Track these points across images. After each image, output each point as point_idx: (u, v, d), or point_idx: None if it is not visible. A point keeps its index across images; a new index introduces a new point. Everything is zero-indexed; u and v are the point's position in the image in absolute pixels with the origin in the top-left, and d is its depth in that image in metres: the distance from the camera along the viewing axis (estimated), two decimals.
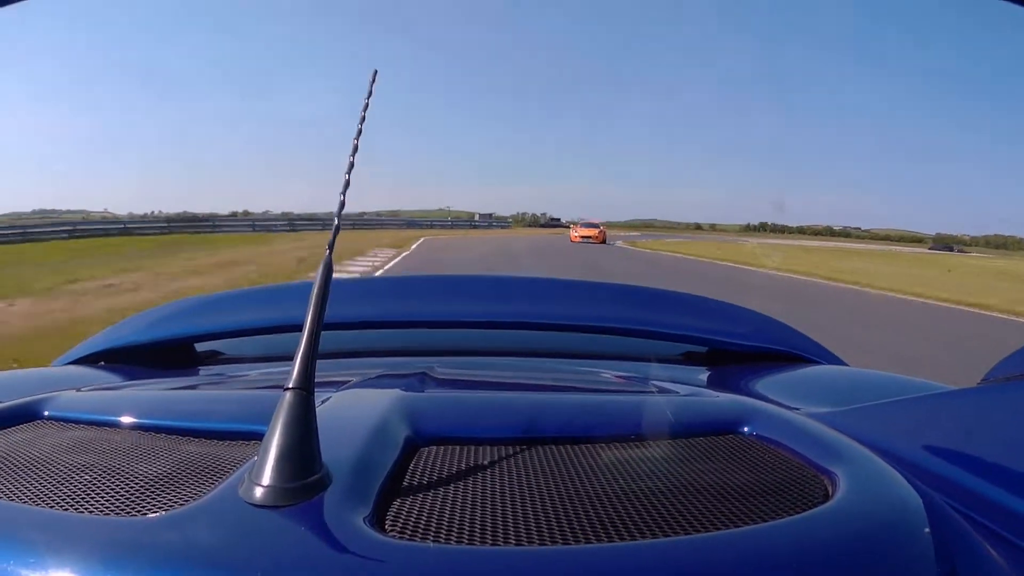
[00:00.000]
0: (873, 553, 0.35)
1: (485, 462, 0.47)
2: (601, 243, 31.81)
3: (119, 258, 16.63)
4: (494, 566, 0.34)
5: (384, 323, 1.10)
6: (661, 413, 0.57)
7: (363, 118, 0.53)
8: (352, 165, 0.51)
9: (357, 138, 0.52)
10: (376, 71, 0.56)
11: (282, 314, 1.05)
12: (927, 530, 0.38)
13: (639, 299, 1.26)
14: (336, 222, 0.49)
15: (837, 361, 1.11)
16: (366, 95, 0.55)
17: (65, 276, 11.87)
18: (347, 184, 0.50)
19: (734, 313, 1.20)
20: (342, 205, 0.49)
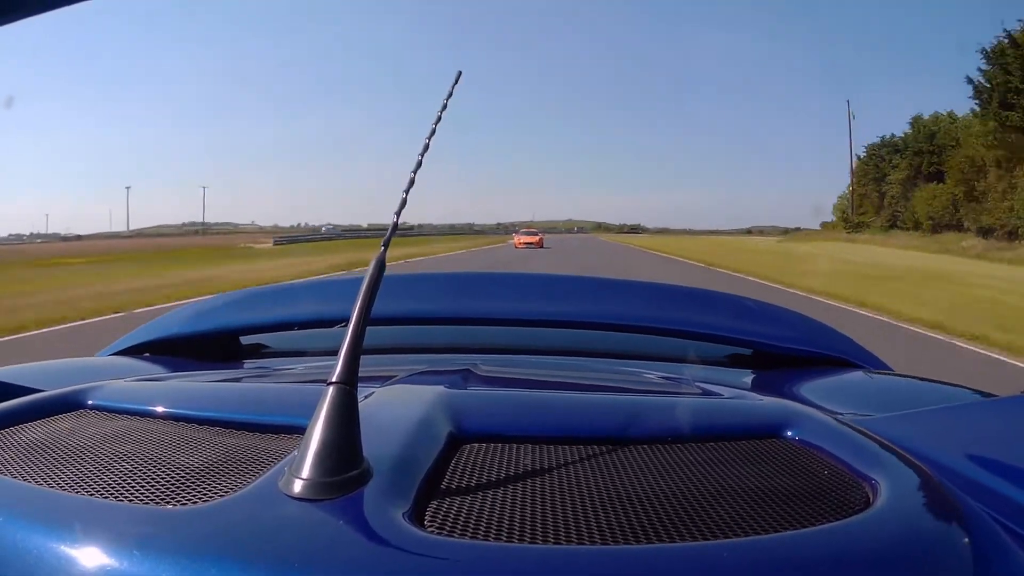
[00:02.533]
0: (911, 561, 0.36)
1: (526, 460, 0.47)
2: (540, 247, 35.97)
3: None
4: (533, 565, 0.34)
5: (428, 319, 1.12)
6: (703, 415, 0.57)
7: (439, 118, 0.54)
8: (420, 164, 0.51)
9: (429, 138, 0.52)
10: (460, 72, 0.57)
11: (327, 309, 1.05)
12: (966, 540, 0.38)
13: (683, 299, 1.26)
14: (395, 219, 0.49)
15: (882, 366, 1.11)
16: (446, 95, 0.55)
17: None
18: (411, 183, 0.50)
19: (779, 315, 1.20)
20: (403, 204, 0.49)
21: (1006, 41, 24.63)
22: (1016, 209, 24.78)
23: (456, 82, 0.56)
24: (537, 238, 39.14)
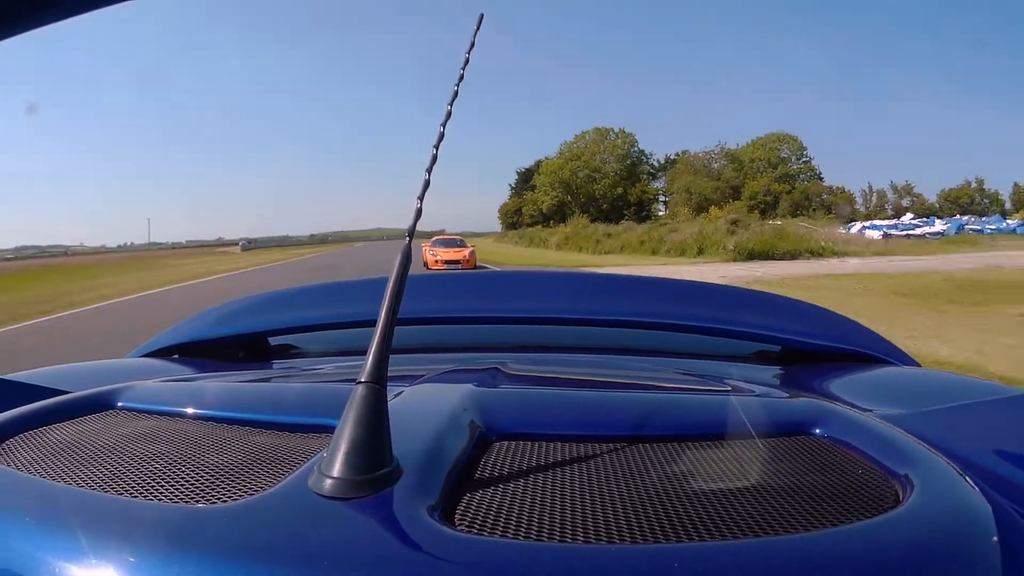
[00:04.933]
0: (939, 560, 0.35)
1: (556, 458, 0.47)
2: (472, 267, 19.91)
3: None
4: (562, 563, 0.33)
5: (456, 319, 1.13)
6: (732, 413, 0.57)
7: (461, 76, 0.52)
8: (442, 136, 0.49)
9: (451, 103, 0.51)
10: (482, 15, 0.54)
11: (355, 309, 1.07)
12: (995, 538, 0.37)
13: (711, 296, 1.26)
14: (418, 205, 0.48)
15: (911, 362, 1.10)
16: (467, 47, 0.52)
17: None
18: (434, 160, 0.49)
19: (807, 312, 1.20)
20: (426, 185, 0.48)
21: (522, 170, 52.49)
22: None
23: (478, 28, 0.54)
24: (464, 252, 21.11)
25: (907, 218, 39.71)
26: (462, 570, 0.33)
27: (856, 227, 34.98)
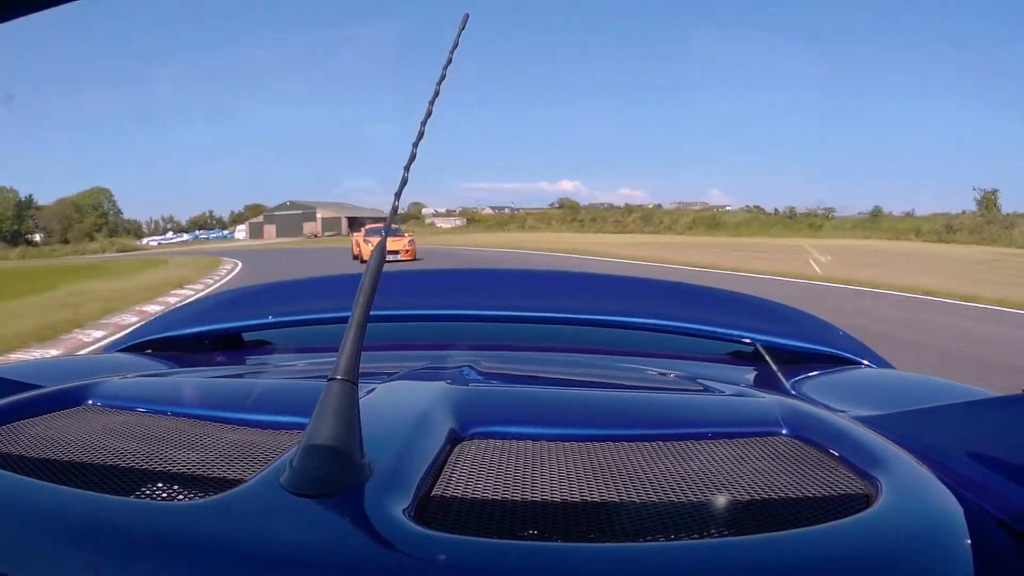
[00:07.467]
0: (911, 563, 0.35)
1: (527, 457, 0.47)
2: (413, 258, 19.39)
3: None
4: (532, 561, 0.33)
5: (430, 316, 1.14)
6: (705, 412, 0.57)
7: (443, 76, 0.51)
8: (422, 134, 0.49)
9: (432, 101, 0.50)
10: (467, 15, 0.54)
11: (330, 305, 1.07)
12: (968, 541, 0.37)
13: (686, 297, 1.27)
14: (395, 203, 0.48)
15: (884, 364, 1.11)
16: (451, 47, 0.52)
17: None
18: (413, 158, 0.48)
19: (782, 313, 1.21)
20: (404, 182, 0.48)
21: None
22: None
23: (463, 27, 0.54)
24: (403, 241, 20.34)
25: (170, 234, 74.79)
26: (433, 568, 0.32)
27: (146, 239, 74.93)
